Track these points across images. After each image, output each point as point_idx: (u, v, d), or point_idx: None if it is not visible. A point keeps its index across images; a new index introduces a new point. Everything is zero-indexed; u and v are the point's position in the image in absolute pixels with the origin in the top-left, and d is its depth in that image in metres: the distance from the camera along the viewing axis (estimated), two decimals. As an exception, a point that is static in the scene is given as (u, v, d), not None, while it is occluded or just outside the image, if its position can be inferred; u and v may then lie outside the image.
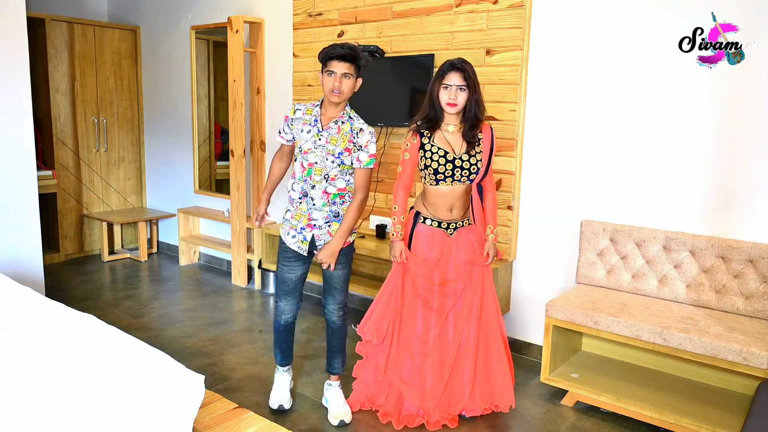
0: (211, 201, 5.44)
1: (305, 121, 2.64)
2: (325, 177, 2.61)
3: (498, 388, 2.83)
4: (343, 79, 2.52)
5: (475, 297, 2.78)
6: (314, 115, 2.63)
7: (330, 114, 2.62)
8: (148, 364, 2.00)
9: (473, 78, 2.58)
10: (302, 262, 2.74)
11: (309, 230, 2.66)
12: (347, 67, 2.51)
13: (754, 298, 2.81)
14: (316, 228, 2.66)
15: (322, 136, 2.60)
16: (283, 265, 2.75)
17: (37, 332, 2.18)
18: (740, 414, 2.65)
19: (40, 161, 5.41)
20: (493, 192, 2.82)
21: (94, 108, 5.62)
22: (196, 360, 3.44)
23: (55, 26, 5.28)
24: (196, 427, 2.08)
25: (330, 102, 2.59)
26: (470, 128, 2.64)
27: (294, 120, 2.66)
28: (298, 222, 2.68)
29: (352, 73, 2.54)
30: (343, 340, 2.88)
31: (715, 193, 2.93)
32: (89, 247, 5.72)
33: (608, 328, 2.80)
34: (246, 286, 4.89)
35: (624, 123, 3.14)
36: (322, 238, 2.66)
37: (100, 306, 4.35)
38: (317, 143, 2.60)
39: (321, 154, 2.59)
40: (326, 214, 2.65)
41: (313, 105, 2.68)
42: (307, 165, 2.61)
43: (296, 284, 2.77)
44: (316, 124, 2.62)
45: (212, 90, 5.45)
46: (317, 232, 2.66)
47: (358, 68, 2.56)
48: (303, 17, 4.38)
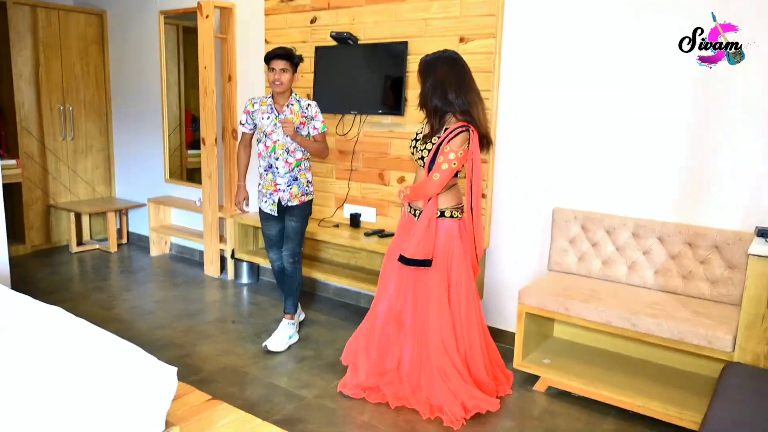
0: (182, 190, 5.36)
1: (263, 111, 3.38)
2: (286, 150, 3.36)
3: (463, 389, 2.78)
4: (282, 73, 3.26)
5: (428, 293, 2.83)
6: (269, 105, 3.38)
7: (280, 102, 3.36)
8: (119, 357, 1.97)
9: (423, 69, 2.77)
10: (276, 222, 3.50)
11: (276, 194, 3.41)
12: (284, 64, 3.26)
13: (719, 283, 2.88)
14: (280, 191, 3.40)
15: (279, 119, 3.33)
16: (264, 225, 3.54)
17: (3, 326, 2.13)
18: (706, 396, 2.72)
19: (3, 150, 5.26)
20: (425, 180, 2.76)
21: (59, 95, 5.47)
22: (168, 352, 3.40)
23: (18, 10, 5.10)
24: (170, 419, 2.06)
25: (276, 93, 3.32)
26: (427, 118, 2.81)
27: (254, 112, 3.41)
28: (267, 190, 3.43)
29: (289, 68, 3.28)
30: (293, 284, 3.51)
31: (684, 181, 2.99)
32: (56, 238, 5.59)
33: (579, 314, 2.85)
34: (219, 276, 4.85)
35: (597, 113, 3.17)
36: (285, 198, 3.41)
37: (68, 298, 4.26)
38: (277, 125, 3.34)
39: (281, 132, 3.34)
40: (287, 180, 3.39)
41: (265, 98, 3.41)
42: (271, 143, 3.35)
43: (277, 238, 3.54)
44: (273, 111, 3.36)
45: (182, 77, 5.34)
46: (282, 195, 3.40)
47: (294, 64, 3.31)
48: (275, 3, 4.31)
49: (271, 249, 3.58)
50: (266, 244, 3.60)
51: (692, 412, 2.60)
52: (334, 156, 4.16)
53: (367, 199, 4.09)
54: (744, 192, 2.83)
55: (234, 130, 4.77)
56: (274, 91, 3.32)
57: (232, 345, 3.53)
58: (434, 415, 2.75)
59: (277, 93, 3.31)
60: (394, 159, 3.91)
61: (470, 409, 2.75)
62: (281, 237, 3.54)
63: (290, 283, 3.52)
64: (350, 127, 4.06)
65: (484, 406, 2.77)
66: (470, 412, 2.75)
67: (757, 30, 2.71)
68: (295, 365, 3.29)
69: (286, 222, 3.46)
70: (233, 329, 3.77)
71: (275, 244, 3.56)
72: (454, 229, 2.81)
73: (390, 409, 2.82)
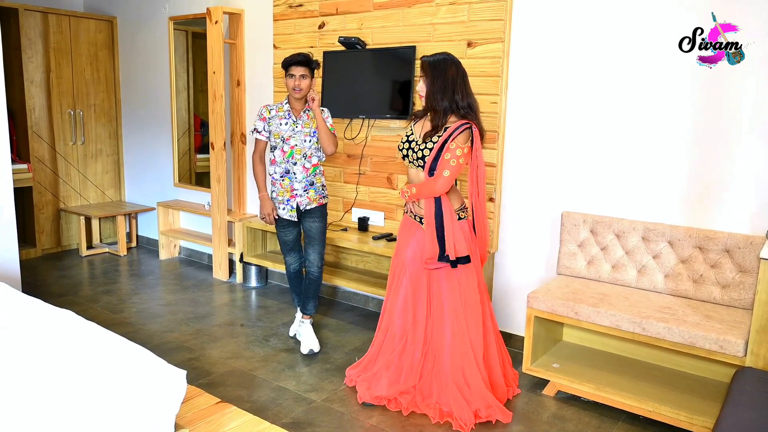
0: (191, 194, 5.38)
1: (280, 117, 3.38)
2: (303, 155, 3.38)
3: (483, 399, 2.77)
4: (302, 80, 3.26)
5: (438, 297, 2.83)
6: (286, 110, 3.39)
7: (297, 107, 3.38)
8: (129, 360, 1.98)
9: (429, 69, 2.72)
10: (294, 226, 3.50)
11: (293, 200, 3.42)
12: (304, 70, 3.26)
13: (730, 287, 2.86)
14: (298, 196, 3.41)
15: (297, 123, 3.36)
16: (281, 232, 3.53)
17: (13, 329, 2.14)
18: (717, 401, 2.70)
19: (14, 154, 5.30)
20: (432, 179, 2.73)
21: (70, 100, 5.52)
22: (177, 355, 3.41)
23: (29, 16, 5.16)
24: (179, 422, 2.06)
25: (294, 98, 3.34)
26: (432, 117, 2.77)
27: (271, 119, 3.40)
28: (282, 196, 3.43)
29: (308, 74, 3.29)
30: (318, 288, 3.54)
31: (693, 184, 2.97)
32: (67, 241, 5.63)
33: (588, 318, 2.83)
34: (227, 279, 4.86)
35: (606, 116, 3.16)
36: (303, 203, 3.42)
37: (78, 301, 4.28)
38: (295, 130, 3.36)
39: (300, 137, 3.36)
40: (304, 184, 3.41)
41: (281, 104, 3.41)
42: (289, 149, 3.36)
43: (294, 242, 3.56)
44: (291, 116, 3.37)
45: (191, 82, 5.37)
46: (299, 199, 3.42)
47: (312, 70, 3.32)
48: (283, 8, 4.33)
49: (289, 253, 3.60)
50: (283, 248, 3.60)
51: (703, 417, 2.58)
52: (342, 160, 4.16)
53: (375, 203, 4.09)
54: (754, 195, 2.81)
55: (242, 134, 4.78)
56: (292, 98, 3.34)
57: (241, 348, 3.54)
58: (443, 420, 2.75)
59: (296, 99, 3.33)
60: (402, 163, 3.91)
61: (483, 417, 2.74)
62: (299, 241, 3.58)
63: (315, 286, 3.53)
64: (358, 132, 4.06)
65: (496, 416, 2.76)
66: (481, 419, 2.74)
67: (757, 30, 2.70)
68: (304, 368, 3.29)
69: (307, 225, 3.46)
70: (242, 332, 3.78)
71: (293, 248, 3.59)
72: (463, 230, 2.81)
73: (398, 413, 2.81)
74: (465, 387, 2.76)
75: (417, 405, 2.83)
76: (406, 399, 2.85)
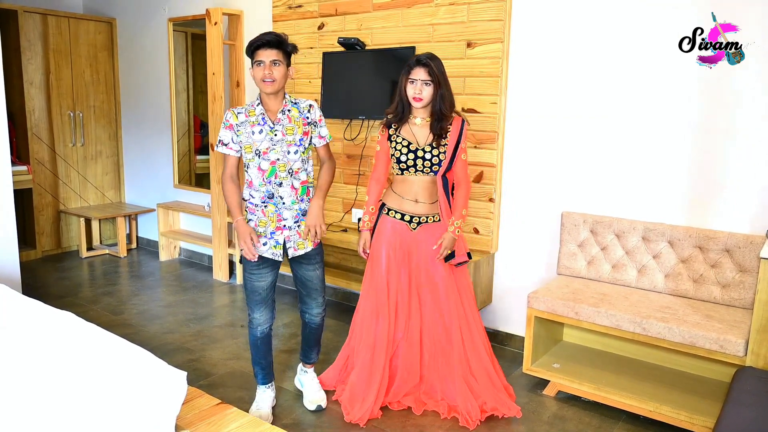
0: (191, 195, 5.38)
1: (252, 123, 2.51)
2: (288, 172, 2.54)
3: (488, 391, 2.81)
4: (273, 67, 2.42)
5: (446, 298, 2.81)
6: (259, 114, 2.52)
7: (273, 107, 2.52)
8: (129, 361, 1.98)
9: (438, 74, 2.64)
10: (272, 268, 2.62)
11: (279, 233, 2.57)
12: (275, 54, 2.42)
13: (730, 287, 2.86)
14: (286, 229, 2.58)
15: (276, 131, 2.51)
16: (252, 274, 2.60)
17: (14, 330, 2.14)
18: (718, 401, 2.70)
19: (14, 156, 5.30)
20: (463, 186, 2.78)
21: (69, 102, 5.52)
22: (177, 356, 3.41)
23: (28, 18, 5.16)
24: (179, 423, 2.06)
25: (266, 94, 2.48)
26: (437, 121, 2.72)
27: (240, 125, 2.51)
28: (265, 228, 2.57)
29: (282, 60, 2.44)
30: (321, 334, 2.89)
31: (693, 184, 2.97)
32: (67, 243, 5.63)
33: (589, 318, 2.84)
34: (227, 281, 4.86)
35: (606, 116, 3.16)
36: (292, 239, 2.59)
37: (78, 303, 4.28)
38: (274, 140, 2.50)
39: (282, 149, 2.51)
40: (296, 213, 2.58)
41: (252, 105, 2.55)
42: (269, 165, 2.52)
43: (268, 292, 2.65)
44: (266, 122, 2.51)
45: (191, 83, 5.37)
46: (288, 233, 2.58)
47: (288, 55, 2.48)
48: (282, 9, 4.34)
49: (258, 307, 2.64)
50: (251, 300, 2.63)
51: (703, 417, 2.58)
52: (342, 160, 4.16)
53: (375, 204, 4.09)
54: (754, 195, 2.82)
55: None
56: (262, 93, 2.50)
57: (242, 349, 3.54)
58: (450, 415, 2.77)
59: (267, 94, 2.48)
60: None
61: (488, 411, 2.76)
62: (273, 290, 2.67)
63: (319, 334, 2.86)
64: (358, 132, 4.06)
65: (503, 409, 2.77)
66: (486, 413, 2.75)
67: (757, 30, 2.71)
68: (304, 370, 3.29)
69: (303, 273, 2.68)
70: (242, 333, 3.78)
71: (264, 301, 2.64)
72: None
73: (399, 413, 2.81)
74: (471, 379, 2.79)
75: (424, 403, 2.84)
76: (409, 400, 2.86)
